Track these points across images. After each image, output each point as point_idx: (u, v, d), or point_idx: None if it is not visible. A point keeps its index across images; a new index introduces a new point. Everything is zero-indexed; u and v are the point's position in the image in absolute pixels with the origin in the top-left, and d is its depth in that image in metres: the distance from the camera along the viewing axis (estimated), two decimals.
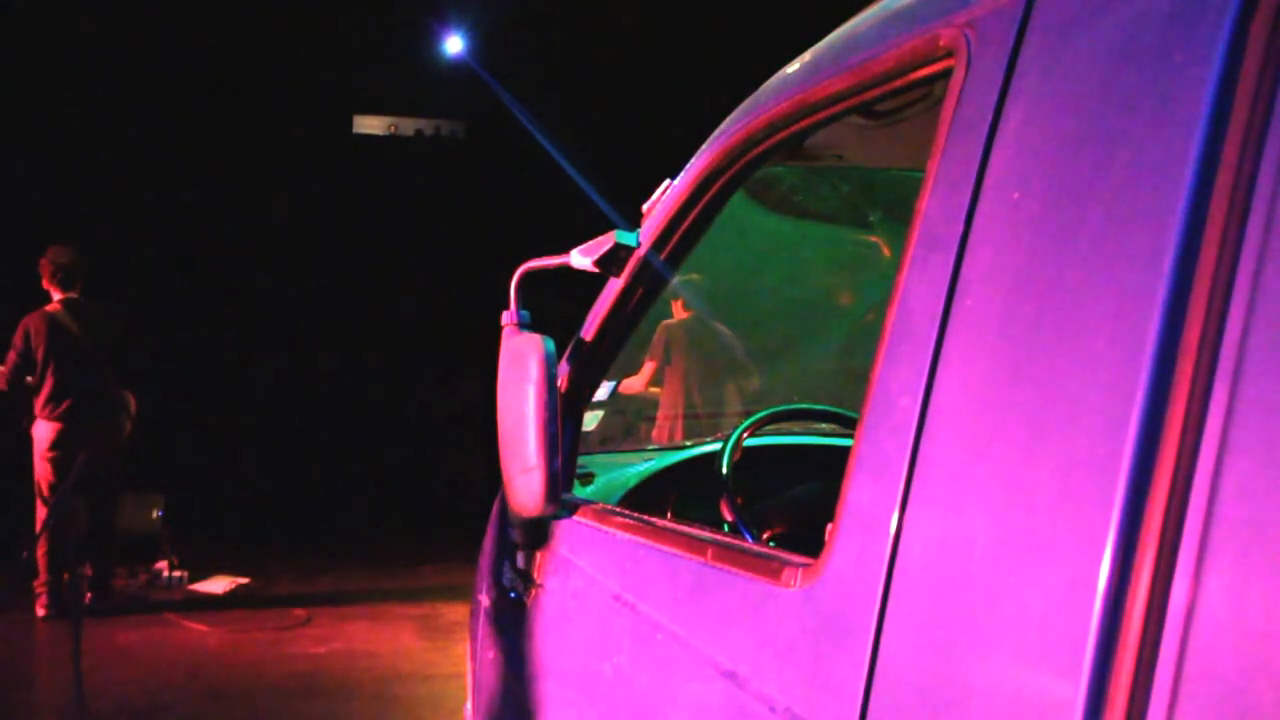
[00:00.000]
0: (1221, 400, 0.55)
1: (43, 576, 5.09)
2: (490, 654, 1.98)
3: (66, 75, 9.11)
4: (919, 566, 0.73)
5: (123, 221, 9.36)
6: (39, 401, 5.11)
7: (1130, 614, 0.56)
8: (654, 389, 5.26)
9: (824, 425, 2.44)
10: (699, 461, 2.47)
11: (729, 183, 1.37)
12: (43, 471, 5.11)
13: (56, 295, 5.20)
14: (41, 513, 5.16)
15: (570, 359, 1.71)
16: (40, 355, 5.06)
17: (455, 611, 5.48)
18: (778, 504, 1.93)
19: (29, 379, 5.10)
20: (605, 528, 1.42)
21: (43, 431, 5.11)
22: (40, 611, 5.09)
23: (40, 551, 5.03)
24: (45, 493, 5.12)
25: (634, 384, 5.26)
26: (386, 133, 11.06)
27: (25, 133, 8.81)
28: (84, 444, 5.03)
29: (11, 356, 5.06)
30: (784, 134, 1.21)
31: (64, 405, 5.09)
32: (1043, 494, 0.64)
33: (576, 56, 9.58)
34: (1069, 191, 0.68)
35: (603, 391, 4.67)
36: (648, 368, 5.19)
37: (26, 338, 5.07)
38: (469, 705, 2.24)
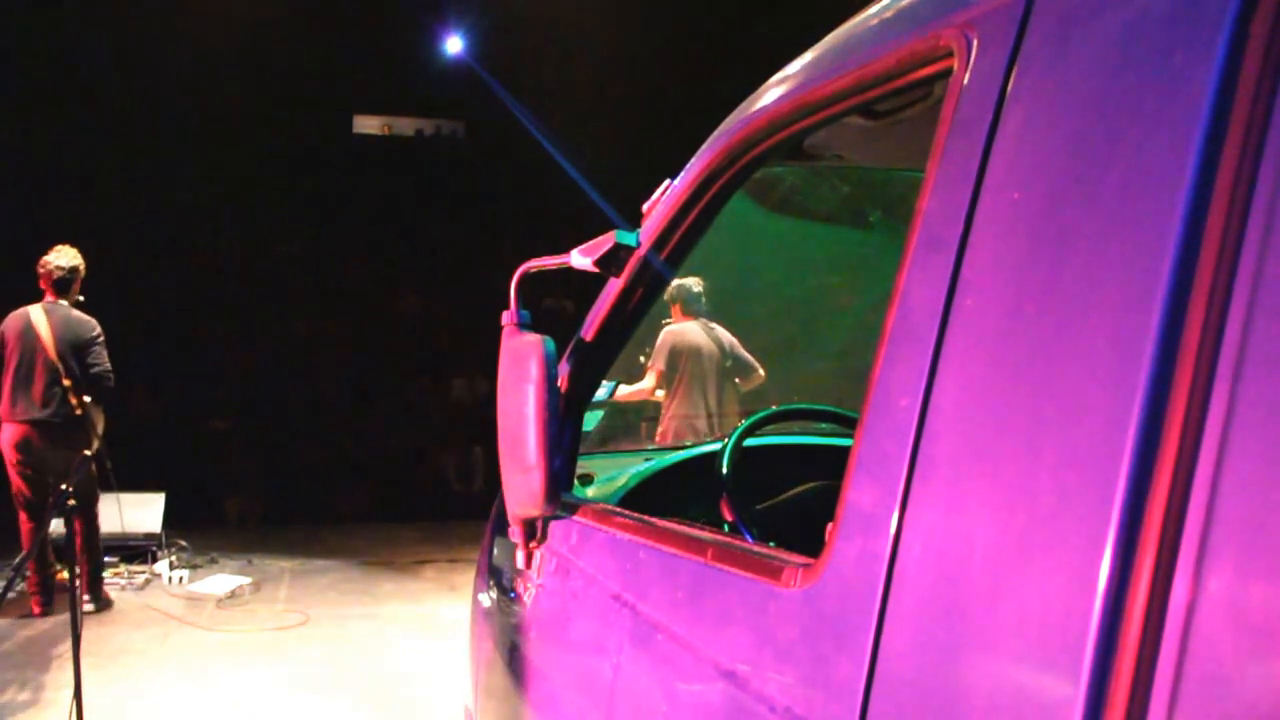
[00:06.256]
0: (1221, 400, 0.55)
1: (33, 579, 5.09)
2: (490, 654, 1.98)
3: (65, 74, 9.10)
4: (919, 566, 0.73)
5: (121, 221, 9.36)
6: (2, 403, 5.06)
7: (1130, 614, 0.56)
8: (660, 394, 5.24)
9: (824, 425, 2.44)
10: (699, 461, 2.47)
11: (729, 183, 1.37)
12: (13, 483, 5.07)
13: (49, 298, 5.14)
14: (22, 516, 5.14)
15: (570, 359, 1.71)
16: (5, 355, 5.02)
17: (455, 611, 5.48)
18: (778, 504, 1.93)
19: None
20: (605, 528, 1.42)
21: (5, 435, 5.07)
22: (36, 610, 5.09)
23: (30, 560, 5.01)
24: (18, 502, 5.10)
25: (639, 391, 5.24)
26: (382, 132, 11.08)
27: (25, 132, 8.81)
28: (32, 452, 4.97)
29: None
30: (784, 134, 1.20)
31: (14, 409, 5.00)
32: (1043, 494, 0.64)
33: (576, 56, 9.58)
34: (1069, 191, 0.68)
35: (603, 391, 4.67)
36: (653, 375, 5.17)
37: (2, 338, 5.04)
38: (469, 705, 2.24)
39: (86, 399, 5.09)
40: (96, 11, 8.67)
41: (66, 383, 5.02)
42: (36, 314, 5.06)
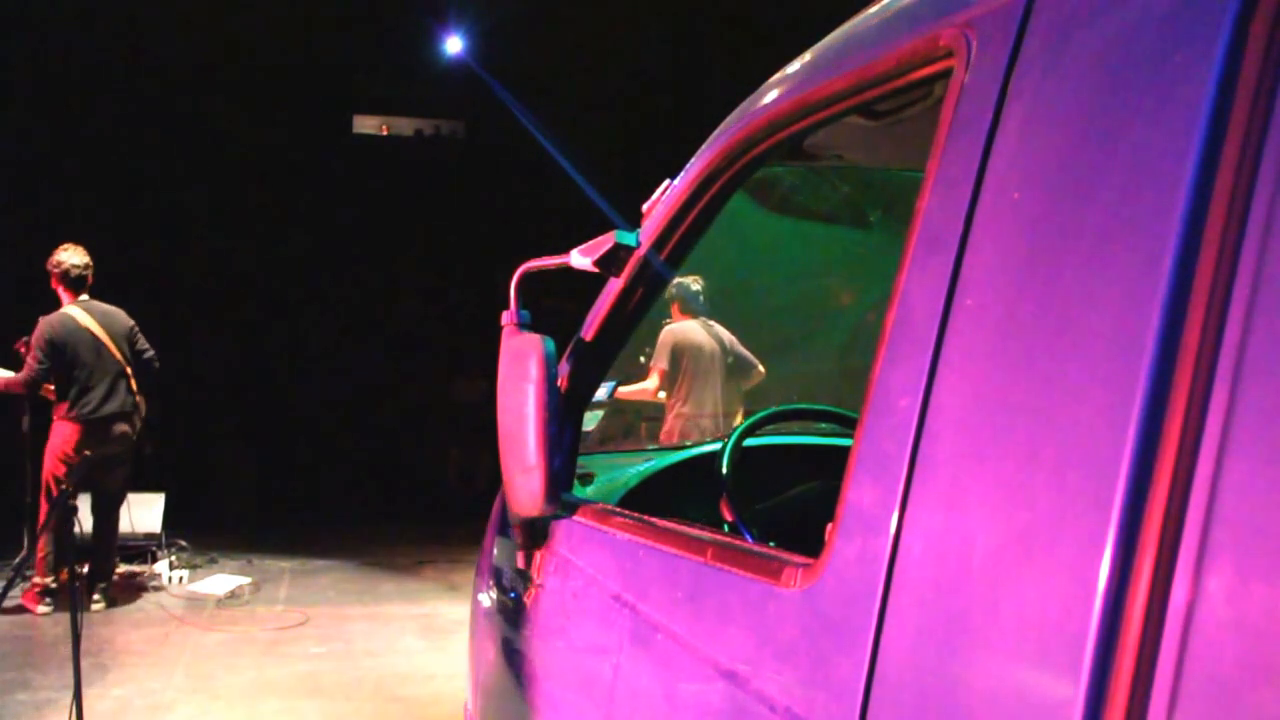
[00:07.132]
0: (1221, 400, 0.55)
1: (40, 574, 5.09)
2: (490, 654, 1.98)
3: (65, 72, 9.10)
4: (919, 566, 0.73)
5: (121, 221, 9.35)
6: (60, 404, 5.09)
7: (1130, 614, 0.56)
8: (662, 395, 5.24)
9: (824, 425, 2.44)
10: (699, 461, 2.47)
11: (729, 183, 1.37)
12: (53, 470, 5.09)
13: (68, 297, 5.16)
14: (44, 511, 5.15)
15: (570, 359, 1.71)
16: (65, 358, 5.02)
17: (455, 611, 5.48)
18: (778, 504, 1.93)
19: (47, 384, 5.07)
20: (605, 528, 1.42)
21: (64, 433, 5.08)
22: (38, 610, 5.09)
23: (40, 550, 5.03)
24: (53, 492, 5.10)
25: (642, 390, 5.24)
26: (382, 132, 11.05)
27: (23, 132, 8.80)
28: (100, 446, 5.04)
29: (32, 359, 5.00)
30: (784, 134, 1.20)
31: (86, 408, 5.06)
32: (1043, 494, 0.64)
33: (575, 56, 9.58)
34: (1069, 191, 0.68)
35: (603, 391, 4.67)
36: (656, 374, 5.18)
37: (49, 340, 5.00)
38: (469, 705, 2.24)
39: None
40: (95, 10, 8.67)
41: (129, 372, 5.26)
42: (79, 314, 5.10)
